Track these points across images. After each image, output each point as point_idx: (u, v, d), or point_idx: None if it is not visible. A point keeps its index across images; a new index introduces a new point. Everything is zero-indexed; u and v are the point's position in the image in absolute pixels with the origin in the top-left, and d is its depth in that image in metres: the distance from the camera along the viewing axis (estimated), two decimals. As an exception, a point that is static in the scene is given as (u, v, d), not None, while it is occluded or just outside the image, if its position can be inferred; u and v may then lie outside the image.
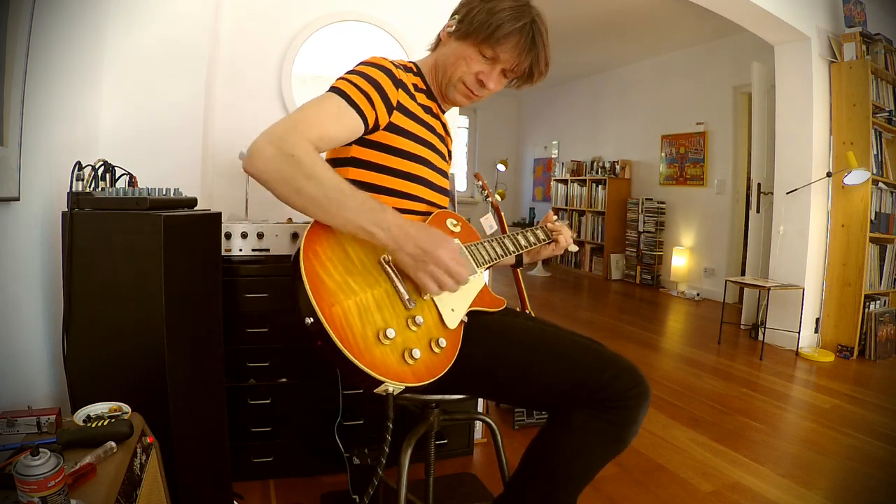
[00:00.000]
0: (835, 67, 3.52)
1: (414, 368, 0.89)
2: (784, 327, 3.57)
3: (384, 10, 2.19)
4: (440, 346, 0.94)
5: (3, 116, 0.97)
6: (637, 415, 0.97)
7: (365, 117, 1.02)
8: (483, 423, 2.04)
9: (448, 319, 1.00)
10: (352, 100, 1.00)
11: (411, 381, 0.88)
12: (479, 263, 1.15)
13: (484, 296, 1.13)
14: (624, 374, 0.96)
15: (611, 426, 0.96)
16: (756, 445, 2.13)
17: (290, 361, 1.68)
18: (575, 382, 0.97)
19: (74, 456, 0.81)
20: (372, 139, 1.08)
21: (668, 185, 5.87)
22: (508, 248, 1.24)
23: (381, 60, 1.08)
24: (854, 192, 3.43)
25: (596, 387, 0.95)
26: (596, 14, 4.81)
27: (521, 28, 1.05)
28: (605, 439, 0.97)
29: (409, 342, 0.91)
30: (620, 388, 0.95)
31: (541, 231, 1.35)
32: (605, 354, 1.00)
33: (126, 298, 1.10)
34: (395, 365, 0.87)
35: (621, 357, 1.01)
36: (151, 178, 1.36)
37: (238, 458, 1.68)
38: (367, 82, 1.02)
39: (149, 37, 1.63)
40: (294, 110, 1.01)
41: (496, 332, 1.05)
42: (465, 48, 1.10)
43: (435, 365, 0.93)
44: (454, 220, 1.19)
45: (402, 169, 1.12)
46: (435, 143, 1.19)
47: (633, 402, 0.96)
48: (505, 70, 1.12)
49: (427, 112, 1.18)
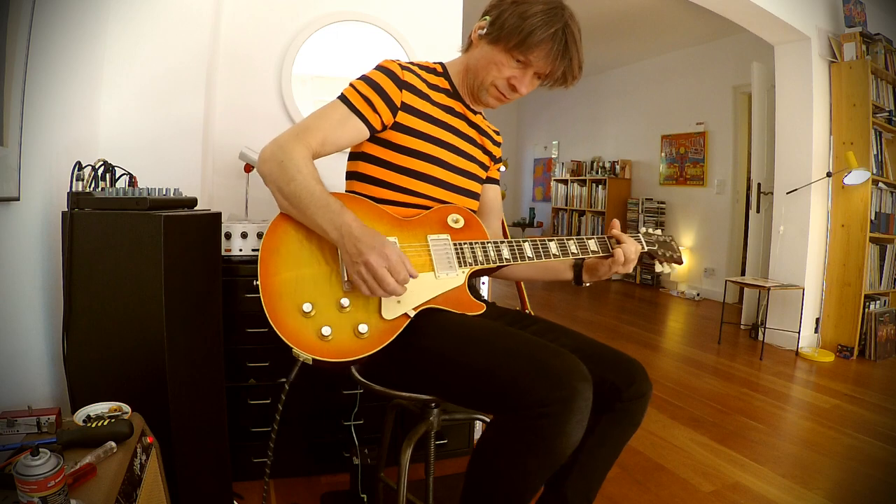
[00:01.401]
0: (835, 67, 3.52)
1: (326, 345, 0.96)
2: (784, 327, 3.57)
3: (384, 10, 2.19)
4: (360, 333, 0.97)
5: (3, 116, 0.97)
6: (563, 424, 0.84)
7: (367, 121, 1.10)
8: (483, 423, 2.05)
9: (386, 310, 1.00)
10: (354, 106, 1.09)
11: (319, 356, 0.95)
12: (465, 264, 1.09)
13: (456, 297, 1.07)
14: (545, 379, 0.85)
15: (535, 436, 0.85)
16: (756, 445, 2.13)
17: (290, 361, 1.68)
18: (506, 384, 0.87)
19: (74, 456, 0.81)
20: (381, 137, 1.14)
21: (668, 185, 5.87)
22: (524, 253, 1.13)
23: (388, 63, 1.14)
24: (854, 192, 3.43)
25: (519, 392, 0.86)
26: (596, 14, 4.81)
27: (553, 35, 1.04)
28: (535, 450, 0.87)
29: (328, 321, 0.97)
30: (542, 394, 0.84)
31: (594, 241, 1.19)
32: (539, 357, 0.89)
33: (126, 298, 1.10)
34: (308, 337, 0.96)
35: (565, 360, 0.88)
36: (151, 178, 1.36)
37: (238, 458, 1.68)
38: (369, 87, 1.10)
39: (149, 37, 1.63)
40: (306, 116, 1.12)
41: (449, 330, 1.00)
42: (497, 53, 1.09)
43: (351, 348, 0.97)
44: (459, 216, 1.15)
45: (407, 166, 1.13)
46: (456, 144, 1.19)
47: (555, 408, 0.84)
48: (538, 73, 1.11)
49: (448, 112, 1.19)
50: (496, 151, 1.35)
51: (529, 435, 0.86)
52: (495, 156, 1.35)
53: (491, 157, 1.33)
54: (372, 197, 1.14)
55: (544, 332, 1.13)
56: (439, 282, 1.06)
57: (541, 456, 0.87)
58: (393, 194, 1.14)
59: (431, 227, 1.12)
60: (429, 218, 1.13)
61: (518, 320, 1.20)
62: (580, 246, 1.19)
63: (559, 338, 1.11)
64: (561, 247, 1.17)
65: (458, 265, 1.09)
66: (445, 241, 1.11)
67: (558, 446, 0.86)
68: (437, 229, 1.12)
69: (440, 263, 1.08)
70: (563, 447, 0.86)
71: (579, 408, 0.85)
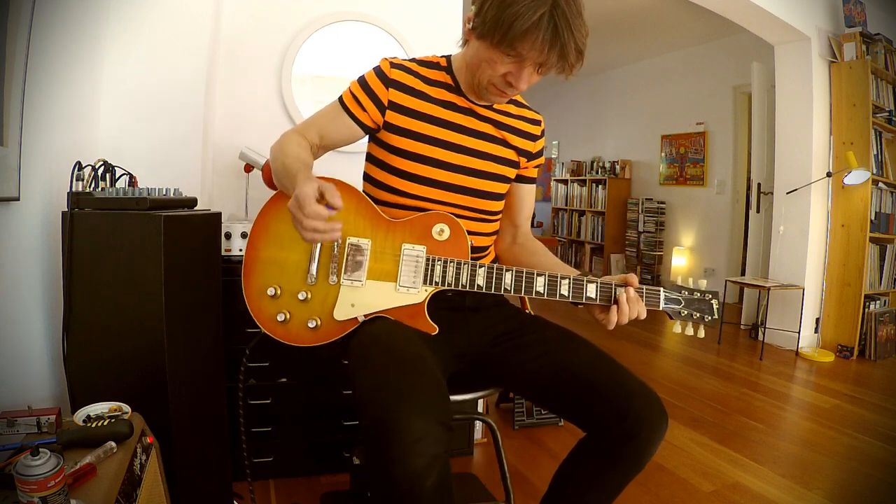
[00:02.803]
0: (835, 67, 3.52)
1: (282, 328, 1.06)
2: (784, 327, 3.57)
3: (384, 10, 2.19)
4: (310, 327, 1.05)
5: (3, 116, 0.97)
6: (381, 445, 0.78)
7: (356, 118, 1.13)
8: (483, 423, 2.05)
9: (339, 310, 1.04)
10: (345, 104, 1.13)
11: (273, 335, 1.06)
12: (430, 282, 1.04)
13: (410, 313, 1.04)
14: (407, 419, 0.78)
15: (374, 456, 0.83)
16: (756, 445, 2.13)
17: (290, 361, 1.68)
18: (371, 419, 0.82)
19: (74, 456, 0.81)
20: (380, 138, 1.15)
21: (668, 185, 5.86)
22: (503, 282, 1.04)
23: (382, 61, 1.15)
24: (854, 192, 3.43)
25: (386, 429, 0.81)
26: (596, 14, 4.81)
27: (538, 21, 0.90)
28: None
29: (286, 307, 1.06)
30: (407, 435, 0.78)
31: (594, 287, 1.05)
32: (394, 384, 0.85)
33: (126, 298, 1.10)
34: (267, 316, 1.06)
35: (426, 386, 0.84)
36: (151, 178, 1.36)
37: (238, 458, 1.68)
38: (359, 86, 1.13)
39: (149, 37, 1.63)
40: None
41: (367, 342, 0.98)
42: (486, 49, 0.98)
43: (301, 337, 1.06)
44: (445, 226, 1.07)
45: (401, 168, 1.12)
46: (459, 142, 1.13)
47: (366, 434, 0.82)
48: (536, 64, 0.97)
49: (450, 108, 1.13)
50: (528, 145, 1.21)
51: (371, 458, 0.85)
52: (527, 151, 1.21)
53: (519, 153, 1.20)
54: (376, 199, 1.13)
55: (553, 341, 1.10)
56: (398, 295, 1.05)
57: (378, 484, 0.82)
58: (392, 196, 1.13)
59: (411, 236, 1.07)
60: (414, 224, 1.08)
61: (519, 327, 1.16)
62: (575, 289, 1.05)
63: (561, 350, 1.07)
64: (550, 284, 1.05)
65: (421, 282, 1.04)
66: (420, 253, 1.06)
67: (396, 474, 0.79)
68: (416, 238, 1.07)
69: (405, 276, 1.05)
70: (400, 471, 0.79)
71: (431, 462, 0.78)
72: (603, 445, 1.00)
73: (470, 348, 1.13)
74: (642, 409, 0.95)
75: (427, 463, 0.78)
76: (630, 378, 1.01)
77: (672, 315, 1.12)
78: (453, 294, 1.10)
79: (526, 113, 1.23)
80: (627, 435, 0.95)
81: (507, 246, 1.31)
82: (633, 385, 0.99)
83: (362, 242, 1.07)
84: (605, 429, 0.98)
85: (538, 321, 1.18)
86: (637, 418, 0.95)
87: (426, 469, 0.78)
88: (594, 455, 1.02)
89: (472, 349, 1.13)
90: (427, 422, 0.79)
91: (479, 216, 1.18)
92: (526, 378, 1.09)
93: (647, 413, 0.95)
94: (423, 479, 0.78)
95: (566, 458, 1.08)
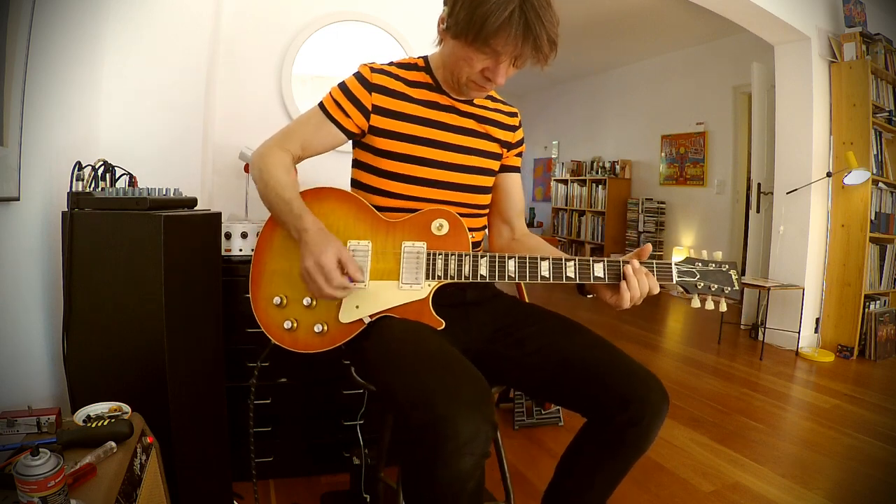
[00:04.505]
0: (835, 67, 3.52)
1: (289, 336, 1.07)
2: (784, 327, 3.57)
3: (384, 10, 2.19)
4: (317, 332, 1.05)
5: (3, 116, 0.97)
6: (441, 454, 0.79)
7: (341, 125, 1.13)
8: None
9: (343, 313, 1.05)
10: (329, 112, 1.13)
11: (282, 344, 1.07)
12: (433, 276, 1.05)
13: (416, 310, 1.05)
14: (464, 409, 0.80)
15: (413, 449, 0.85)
16: (756, 445, 2.13)
17: (290, 361, 1.68)
18: (402, 406, 0.86)
19: (74, 456, 0.81)
20: (363, 141, 1.16)
21: (668, 185, 5.87)
22: (507, 270, 1.04)
23: (361, 67, 1.15)
24: (854, 192, 3.43)
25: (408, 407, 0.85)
26: (596, 14, 4.81)
27: (509, 17, 0.91)
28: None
29: (293, 315, 1.07)
30: (461, 427, 0.79)
31: (601, 266, 1.04)
32: (418, 379, 0.87)
33: (126, 298, 1.10)
34: (275, 325, 1.08)
35: (476, 388, 0.85)
36: (151, 178, 1.36)
37: (238, 458, 1.68)
38: (341, 92, 1.13)
39: (149, 37, 1.63)
40: (292, 121, 1.21)
41: (386, 343, 1.00)
42: (462, 48, 1.00)
43: (310, 343, 1.07)
44: (444, 221, 1.08)
45: (391, 170, 1.13)
46: (445, 140, 1.15)
47: (414, 437, 0.83)
48: (512, 58, 0.99)
49: (432, 107, 1.15)
50: (508, 136, 1.24)
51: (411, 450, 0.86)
52: (507, 141, 1.24)
53: (501, 144, 1.23)
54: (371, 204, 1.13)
55: (551, 331, 1.11)
56: (401, 292, 1.05)
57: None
58: (383, 200, 1.14)
59: (411, 233, 1.08)
60: (413, 221, 1.09)
61: (523, 317, 1.16)
62: (581, 269, 1.04)
63: (559, 340, 1.08)
64: (555, 268, 1.04)
65: (424, 277, 1.05)
66: (420, 249, 1.07)
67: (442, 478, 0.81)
68: (416, 236, 1.08)
69: (407, 273, 1.06)
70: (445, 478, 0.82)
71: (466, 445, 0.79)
72: (606, 432, 1.00)
73: (472, 343, 1.14)
74: (645, 394, 0.96)
75: (475, 463, 0.80)
76: (630, 363, 1.01)
77: (688, 289, 1.08)
78: (453, 289, 1.10)
79: (501, 107, 1.26)
80: (630, 421, 0.95)
81: (504, 243, 1.31)
82: (633, 369, 0.99)
83: (363, 245, 1.08)
84: (608, 416, 0.98)
85: (537, 311, 1.18)
86: (640, 403, 0.95)
87: (473, 469, 0.80)
88: (597, 442, 1.03)
89: (473, 344, 1.14)
90: (478, 421, 0.79)
91: (470, 211, 1.19)
92: (526, 373, 1.10)
93: (649, 398, 0.96)
94: (467, 481, 0.80)
95: (569, 446, 1.10)
